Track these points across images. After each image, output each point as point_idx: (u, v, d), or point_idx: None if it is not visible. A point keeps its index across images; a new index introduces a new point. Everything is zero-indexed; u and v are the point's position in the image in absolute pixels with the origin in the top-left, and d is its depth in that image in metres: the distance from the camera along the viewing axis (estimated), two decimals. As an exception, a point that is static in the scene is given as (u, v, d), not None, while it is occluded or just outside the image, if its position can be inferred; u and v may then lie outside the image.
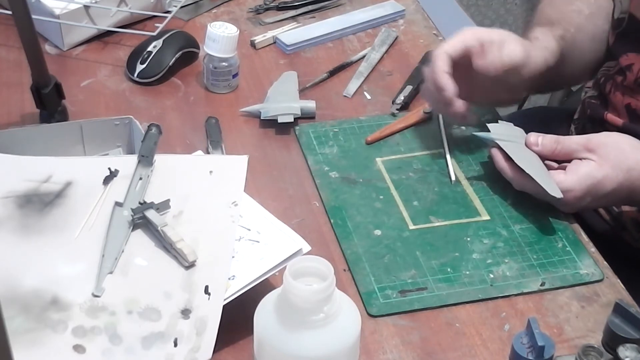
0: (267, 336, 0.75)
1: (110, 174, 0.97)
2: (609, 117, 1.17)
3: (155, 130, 1.01)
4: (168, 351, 0.82)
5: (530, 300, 0.95)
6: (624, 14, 1.17)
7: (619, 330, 0.77)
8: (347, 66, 1.29)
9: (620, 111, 1.17)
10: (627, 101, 1.16)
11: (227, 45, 1.20)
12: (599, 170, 0.99)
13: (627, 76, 1.16)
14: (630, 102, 1.16)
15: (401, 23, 1.40)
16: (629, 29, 1.16)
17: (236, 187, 0.97)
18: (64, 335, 0.82)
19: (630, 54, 1.15)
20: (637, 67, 1.14)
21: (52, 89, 1.11)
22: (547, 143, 1.03)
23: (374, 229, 1.02)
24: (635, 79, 1.14)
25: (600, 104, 1.21)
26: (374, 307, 0.93)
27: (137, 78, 1.23)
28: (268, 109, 1.17)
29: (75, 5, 1.27)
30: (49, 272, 0.87)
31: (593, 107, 1.23)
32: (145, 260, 0.90)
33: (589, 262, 0.99)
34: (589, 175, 0.99)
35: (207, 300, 0.85)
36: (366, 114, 1.20)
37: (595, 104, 1.23)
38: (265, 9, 1.41)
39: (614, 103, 1.18)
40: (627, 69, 1.16)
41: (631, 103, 1.16)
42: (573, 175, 0.99)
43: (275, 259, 0.88)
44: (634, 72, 1.14)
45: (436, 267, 0.97)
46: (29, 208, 0.93)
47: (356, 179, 1.09)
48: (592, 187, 0.99)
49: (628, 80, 1.15)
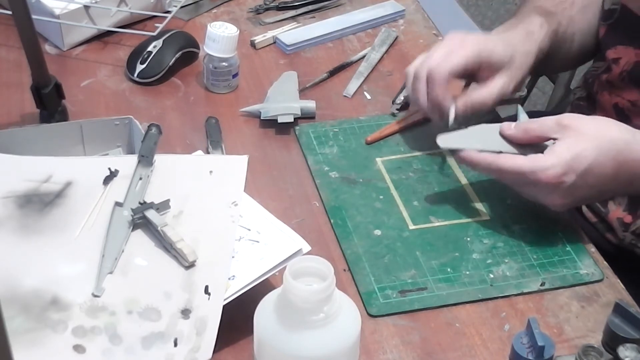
0: (267, 336, 0.75)
1: (110, 174, 0.97)
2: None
3: (155, 130, 1.01)
4: (168, 351, 0.82)
5: (530, 300, 0.95)
6: (616, 4, 1.16)
7: (619, 330, 0.77)
8: (347, 66, 1.29)
9: (608, 112, 1.16)
10: (614, 100, 1.15)
11: (227, 45, 1.20)
12: (576, 144, 0.94)
13: (612, 70, 1.14)
14: (618, 101, 1.15)
15: (401, 23, 1.40)
16: (620, 20, 1.15)
17: (236, 187, 0.97)
18: (64, 335, 0.82)
19: (618, 47, 1.14)
20: (625, 61, 1.13)
21: (52, 89, 1.11)
22: (520, 125, 1.00)
23: (374, 229, 1.02)
24: (620, 72, 1.13)
25: (588, 106, 1.21)
26: (374, 307, 0.93)
27: (137, 78, 1.23)
28: (268, 109, 1.17)
29: (75, 5, 1.27)
30: (49, 272, 0.87)
31: (581, 109, 1.22)
32: (145, 260, 0.90)
33: (589, 262, 0.99)
34: (567, 150, 0.94)
35: (207, 300, 0.85)
36: (366, 114, 1.20)
37: (583, 106, 1.22)
38: (265, 9, 1.41)
39: (601, 103, 1.17)
40: (614, 62, 1.14)
41: (618, 102, 1.15)
42: (550, 154, 0.95)
43: (275, 259, 0.88)
44: (620, 65, 1.13)
45: (436, 267, 0.97)
46: (29, 208, 0.93)
47: (356, 179, 1.09)
48: (572, 160, 0.94)
49: (612, 74, 1.14)
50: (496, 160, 0.98)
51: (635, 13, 1.11)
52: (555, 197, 0.97)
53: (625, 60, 1.13)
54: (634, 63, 1.12)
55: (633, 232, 1.12)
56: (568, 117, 0.97)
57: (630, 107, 1.13)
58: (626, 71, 1.13)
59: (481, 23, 2.65)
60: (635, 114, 1.13)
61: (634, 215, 1.12)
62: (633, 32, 1.12)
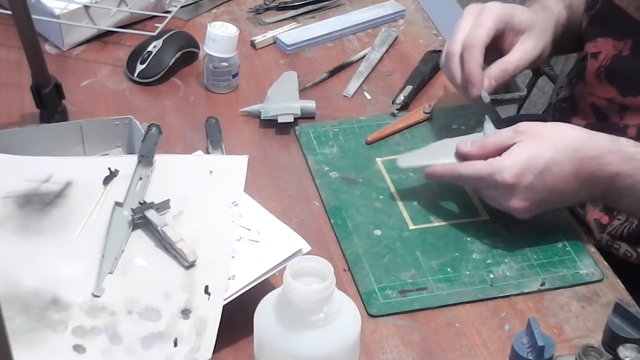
0: (267, 336, 0.75)
1: (110, 174, 0.97)
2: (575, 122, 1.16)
3: (155, 130, 1.01)
4: (168, 351, 0.82)
5: (530, 300, 0.95)
6: None
7: (619, 330, 0.77)
8: (347, 66, 1.29)
9: (587, 112, 1.15)
10: (590, 100, 1.15)
11: (227, 45, 1.20)
12: (531, 144, 0.95)
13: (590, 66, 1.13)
14: (594, 100, 1.14)
15: (401, 23, 1.40)
16: (602, 10, 1.13)
17: (236, 187, 0.97)
18: (64, 335, 0.82)
19: (599, 40, 1.12)
20: (603, 55, 1.12)
21: (52, 89, 1.11)
22: (477, 141, 1.00)
23: (374, 229, 1.02)
24: (598, 68, 1.12)
25: (570, 107, 1.20)
26: (374, 307, 0.93)
27: (137, 78, 1.23)
28: (268, 109, 1.17)
29: (75, 5, 1.27)
30: (49, 272, 0.87)
31: (562, 110, 1.21)
32: (145, 260, 0.90)
33: (589, 262, 0.99)
34: (522, 151, 0.94)
35: (207, 300, 0.85)
36: (366, 114, 1.20)
37: (564, 107, 1.21)
38: (265, 9, 1.41)
39: (581, 104, 1.17)
40: (593, 57, 1.13)
41: (595, 102, 1.14)
42: (506, 156, 0.95)
43: (275, 259, 0.88)
44: (599, 60, 1.12)
45: (436, 267, 0.97)
46: (29, 208, 0.93)
47: (356, 179, 1.09)
48: (529, 160, 0.94)
49: (589, 71, 1.13)
50: (457, 168, 0.99)
51: (615, 3, 1.10)
52: (516, 200, 0.96)
53: (604, 55, 1.12)
54: (612, 57, 1.11)
55: (609, 233, 1.12)
56: (524, 124, 0.98)
57: (608, 104, 1.13)
58: (604, 66, 1.12)
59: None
60: (612, 112, 1.12)
61: (610, 217, 1.11)
62: (613, 23, 1.11)
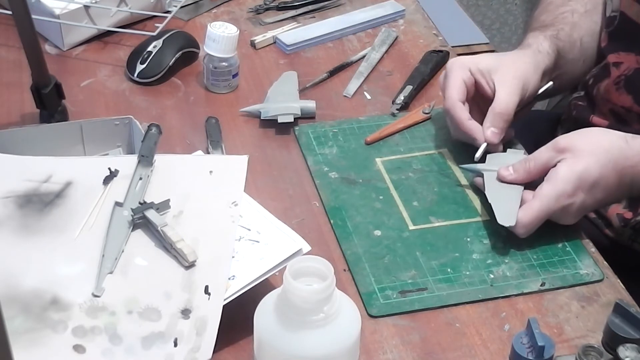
0: (267, 336, 0.75)
1: (110, 174, 0.97)
2: (595, 120, 1.16)
3: (155, 130, 1.01)
4: (168, 351, 0.82)
5: (530, 300, 0.95)
6: (615, 12, 1.16)
7: (619, 330, 0.77)
8: (347, 66, 1.29)
9: (606, 115, 1.17)
10: (608, 107, 1.16)
11: (227, 45, 1.20)
12: (577, 163, 0.96)
13: (611, 73, 1.14)
14: (612, 107, 1.16)
15: (401, 23, 1.40)
16: (620, 27, 1.15)
17: (236, 187, 0.97)
18: (64, 335, 0.82)
19: (621, 53, 1.14)
20: (626, 66, 1.14)
21: (52, 89, 1.11)
22: (518, 165, 1.00)
23: (374, 229, 1.02)
24: (619, 76, 1.13)
25: (587, 106, 1.21)
26: (374, 307, 0.93)
27: (137, 78, 1.23)
28: (268, 109, 1.17)
29: (75, 5, 1.27)
30: (49, 272, 0.87)
31: (579, 108, 1.22)
32: (145, 260, 0.90)
33: (589, 262, 0.99)
34: (570, 172, 0.95)
35: (207, 300, 0.85)
36: (366, 114, 1.20)
37: (581, 106, 1.22)
38: (265, 9, 1.41)
39: (599, 105, 1.18)
40: (615, 66, 1.15)
41: (613, 108, 1.16)
42: (553, 181, 0.96)
43: (275, 259, 0.88)
44: (621, 69, 1.13)
45: (436, 268, 0.97)
46: (29, 208, 0.93)
47: (356, 179, 1.09)
48: (578, 180, 0.95)
49: (611, 77, 1.14)
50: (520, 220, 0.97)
51: (634, 20, 1.12)
52: (569, 218, 0.99)
53: (627, 66, 1.14)
54: (634, 69, 1.13)
55: (632, 227, 1.13)
56: (561, 139, 0.98)
57: (625, 113, 1.14)
58: (625, 75, 1.13)
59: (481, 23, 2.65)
60: (632, 119, 1.14)
61: (634, 212, 1.13)
62: (632, 39, 1.13)
